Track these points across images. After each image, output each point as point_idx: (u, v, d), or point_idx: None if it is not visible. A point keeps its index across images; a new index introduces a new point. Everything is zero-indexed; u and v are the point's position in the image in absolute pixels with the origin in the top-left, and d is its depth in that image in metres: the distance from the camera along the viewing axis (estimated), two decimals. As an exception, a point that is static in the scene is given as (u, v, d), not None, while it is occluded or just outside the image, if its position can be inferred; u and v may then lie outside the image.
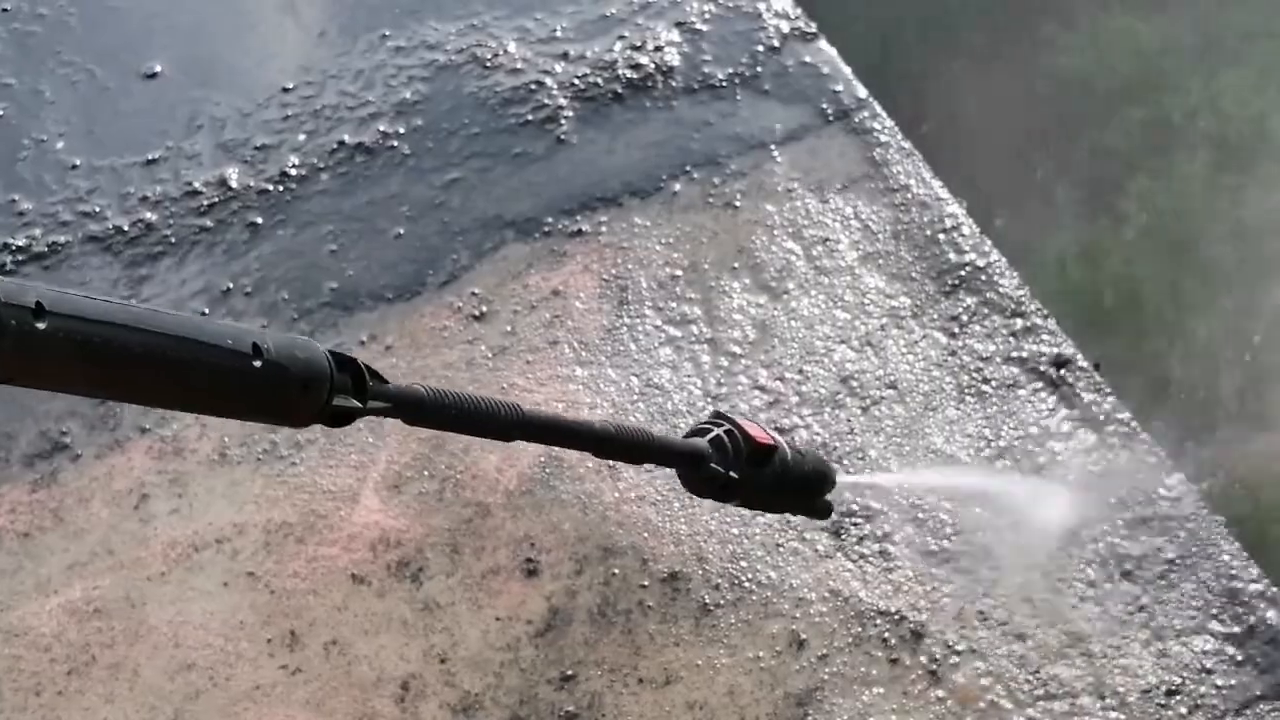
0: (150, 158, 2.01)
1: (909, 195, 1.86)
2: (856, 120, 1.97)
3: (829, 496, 1.22)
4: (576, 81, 2.06)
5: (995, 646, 1.41)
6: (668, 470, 1.57)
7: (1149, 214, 1.95)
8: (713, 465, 0.97)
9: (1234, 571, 1.45)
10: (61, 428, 1.68)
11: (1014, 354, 1.66)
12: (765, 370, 1.67)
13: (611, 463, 1.58)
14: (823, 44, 2.10)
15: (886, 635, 1.42)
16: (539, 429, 0.84)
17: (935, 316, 1.72)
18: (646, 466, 1.57)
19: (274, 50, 2.18)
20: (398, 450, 1.61)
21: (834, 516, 1.30)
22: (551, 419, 0.85)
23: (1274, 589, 1.44)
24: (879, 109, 1.99)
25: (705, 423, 1.03)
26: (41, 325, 0.47)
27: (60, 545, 1.56)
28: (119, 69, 2.16)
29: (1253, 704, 1.36)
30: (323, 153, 2.00)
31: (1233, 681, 1.37)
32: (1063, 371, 1.62)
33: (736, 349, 1.70)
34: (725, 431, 1.00)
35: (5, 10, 2.26)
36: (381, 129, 2.02)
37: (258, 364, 0.57)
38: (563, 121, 2.01)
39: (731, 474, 0.98)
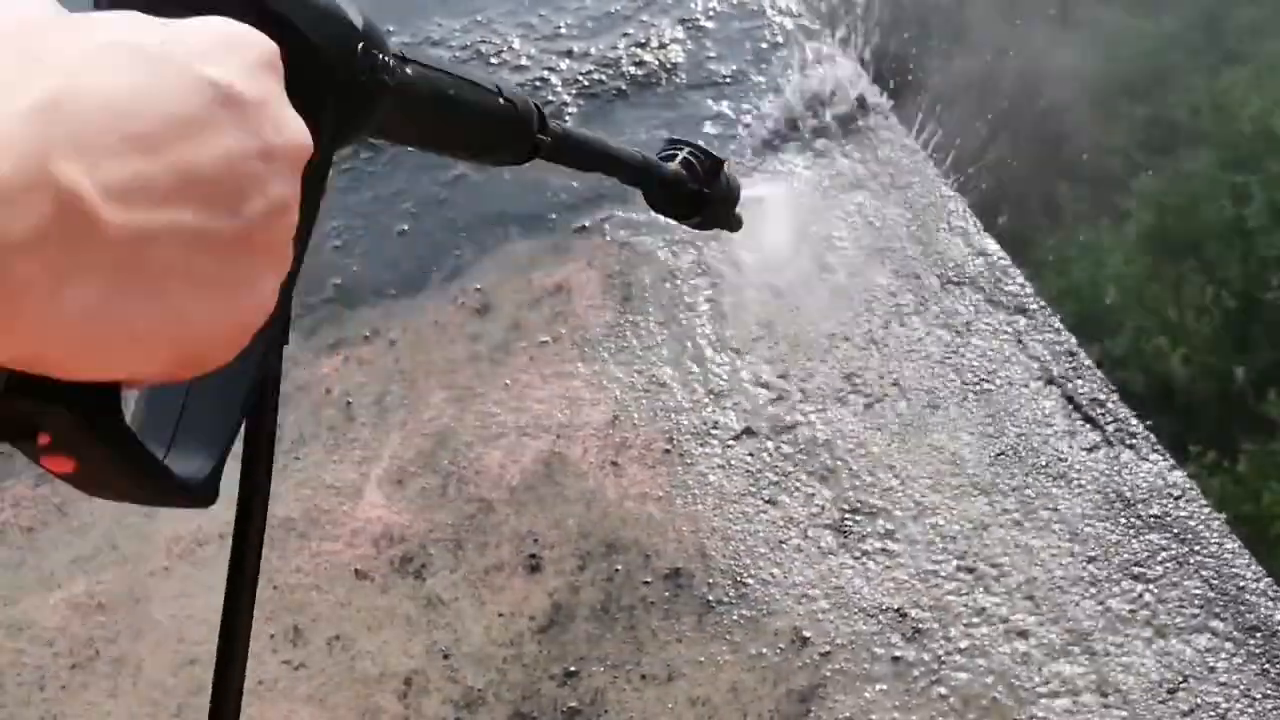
0: (154, 153, 2.01)
1: (913, 192, 1.86)
2: (861, 118, 1.97)
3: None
4: (581, 78, 2.06)
5: (998, 644, 1.41)
6: (670, 468, 1.57)
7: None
8: (689, 185, 1.02)
9: (1235, 569, 1.45)
10: (65, 422, 1.68)
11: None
12: (769, 366, 1.67)
13: (615, 461, 1.58)
14: (827, 41, 2.09)
15: (889, 632, 1.42)
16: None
17: (939, 312, 1.72)
18: (650, 463, 1.57)
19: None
20: (401, 446, 1.62)
21: None
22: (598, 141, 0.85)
23: (1275, 587, 1.43)
24: (884, 106, 1.99)
25: (668, 149, 1.06)
26: (409, 71, 0.54)
27: (64, 540, 1.57)
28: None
29: (1255, 701, 1.36)
30: (326, 148, 1.99)
31: (1235, 678, 1.37)
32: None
33: (740, 345, 1.69)
34: (689, 152, 1.03)
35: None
36: (385, 125, 2.02)
37: (502, 100, 0.67)
38: (567, 118, 2.00)
39: (705, 190, 1.03)
